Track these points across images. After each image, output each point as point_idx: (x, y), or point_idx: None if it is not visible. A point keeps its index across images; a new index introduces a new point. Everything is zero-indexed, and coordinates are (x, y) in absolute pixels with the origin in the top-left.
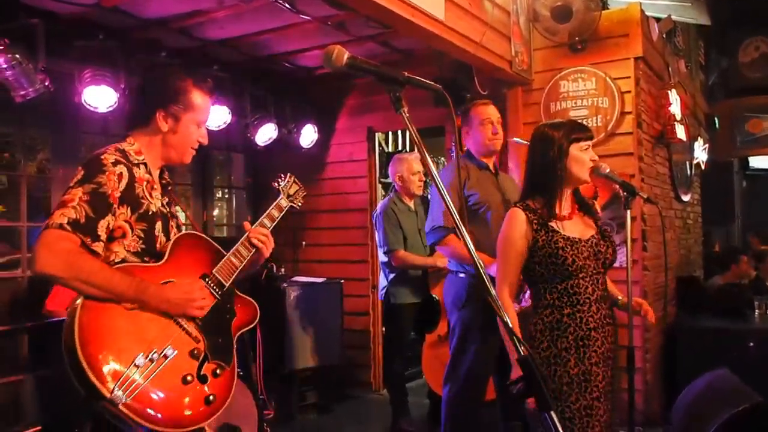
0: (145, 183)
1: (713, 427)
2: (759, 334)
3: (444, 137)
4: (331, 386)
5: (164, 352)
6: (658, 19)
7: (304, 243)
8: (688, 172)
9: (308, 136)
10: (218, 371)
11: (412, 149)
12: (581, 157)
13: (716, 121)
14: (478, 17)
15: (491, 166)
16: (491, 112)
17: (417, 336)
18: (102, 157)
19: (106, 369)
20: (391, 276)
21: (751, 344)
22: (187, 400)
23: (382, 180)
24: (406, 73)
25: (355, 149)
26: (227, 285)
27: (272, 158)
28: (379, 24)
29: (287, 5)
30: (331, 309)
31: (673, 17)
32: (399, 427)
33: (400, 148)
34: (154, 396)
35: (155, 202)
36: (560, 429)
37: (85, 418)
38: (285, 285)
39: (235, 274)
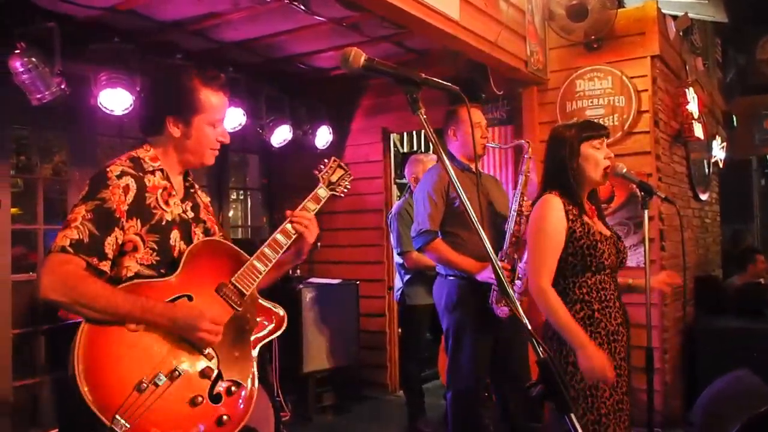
0: (160, 191)
1: (735, 428)
2: None
3: None
4: (348, 388)
5: (171, 373)
6: (674, 17)
7: (319, 244)
8: (706, 170)
9: (323, 137)
10: (233, 389)
11: (427, 150)
12: (593, 155)
13: (734, 119)
14: (493, 17)
15: (473, 168)
16: (481, 115)
17: (432, 337)
18: (107, 169)
19: (106, 396)
20: (407, 277)
21: None
22: (195, 422)
23: (397, 181)
24: (422, 74)
25: (371, 150)
26: (248, 293)
27: (287, 159)
28: (394, 24)
29: (302, 7)
30: (346, 310)
31: (690, 15)
32: (416, 428)
33: (414, 148)
34: (158, 421)
35: (173, 209)
36: (580, 430)
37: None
38: (301, 286)
39: (258, 280)
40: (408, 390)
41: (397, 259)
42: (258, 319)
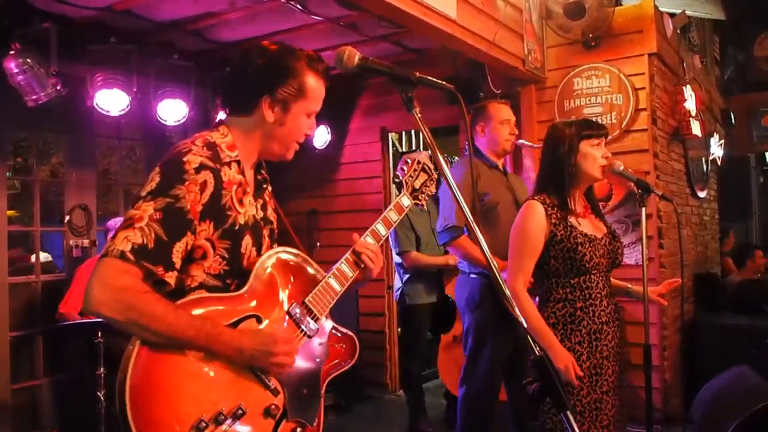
0: (235, 187)
1: (734, 425)
2: None
3: (458, 136)
4: (348, 387)
5: (234, 412)
6: (672, 15)
7: (318, 244)
8: (704, 168)
9: (321, 136)
10: (298, 430)
11: (426, 148)
12: (591, 153)
13: (732, 116)
14: (490, 16)
15: (500, 166)
16: (510, 112)
17: (433, 336)
18: (184, 159)
19: None
20: (406, 276)
21: None
22: None
23: (395, 180)
24: (417, 73)
25: (369, 149)
26: (322, 317)
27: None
28: (392, 24)
29: (299, 6)
30: (346, 310)
31: (688, 12)
32: (417, 427)
33: (413, 147)
34: None
35: (247, 209)
36: (576, 430)
37: (101, 422)
38: None
39: (334, 302)
40: (408, 389)
41: (396, 258)
42: (330, 348)
